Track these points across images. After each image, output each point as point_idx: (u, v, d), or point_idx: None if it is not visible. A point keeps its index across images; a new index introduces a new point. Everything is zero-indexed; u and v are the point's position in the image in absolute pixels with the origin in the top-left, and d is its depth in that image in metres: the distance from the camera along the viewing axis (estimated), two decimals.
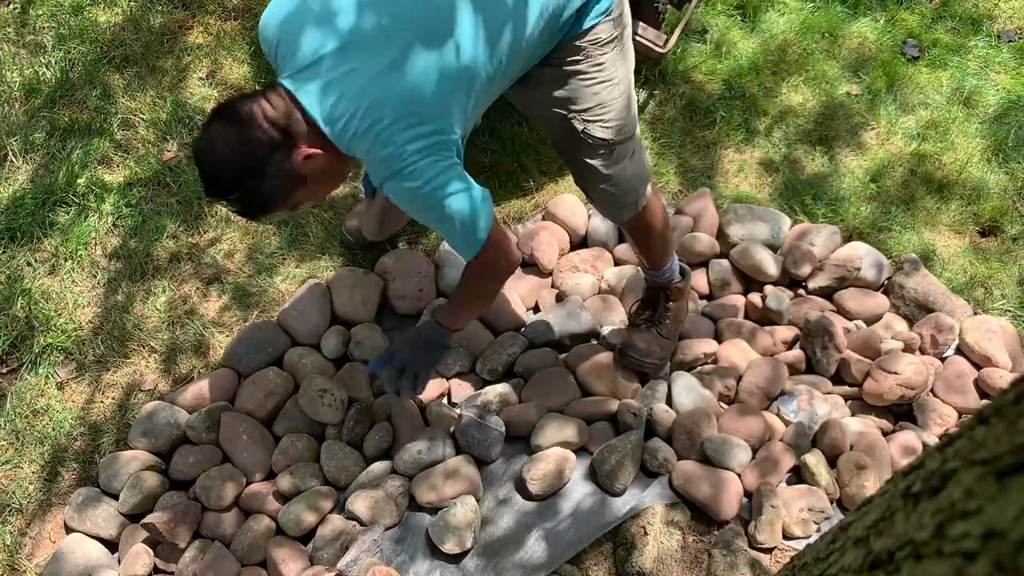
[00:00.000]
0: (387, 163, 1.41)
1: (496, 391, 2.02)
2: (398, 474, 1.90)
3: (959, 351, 2.15)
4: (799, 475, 1.91)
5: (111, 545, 1.85)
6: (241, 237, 2.35)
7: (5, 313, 2.15)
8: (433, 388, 2.04)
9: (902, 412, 2.07)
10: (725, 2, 2.97)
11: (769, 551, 1.81)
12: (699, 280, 2.28)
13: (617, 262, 2.32)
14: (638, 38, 2.46)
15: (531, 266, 2.31)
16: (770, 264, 2.23)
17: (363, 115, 1.36)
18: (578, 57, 1.55)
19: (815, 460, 1.87)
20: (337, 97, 1.37)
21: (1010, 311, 2.27)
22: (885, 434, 1.98)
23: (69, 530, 1.87)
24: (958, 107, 2.73)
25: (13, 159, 2.43)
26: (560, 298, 2.23)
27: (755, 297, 2.21)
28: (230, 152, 1.38)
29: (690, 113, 2.69)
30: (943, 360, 2.14)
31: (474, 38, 1.41)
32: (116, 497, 1.88)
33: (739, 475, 1.88)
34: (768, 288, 2.22)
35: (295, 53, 1.39)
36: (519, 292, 2.22)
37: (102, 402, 2.07)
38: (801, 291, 2.28)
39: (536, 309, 2.25)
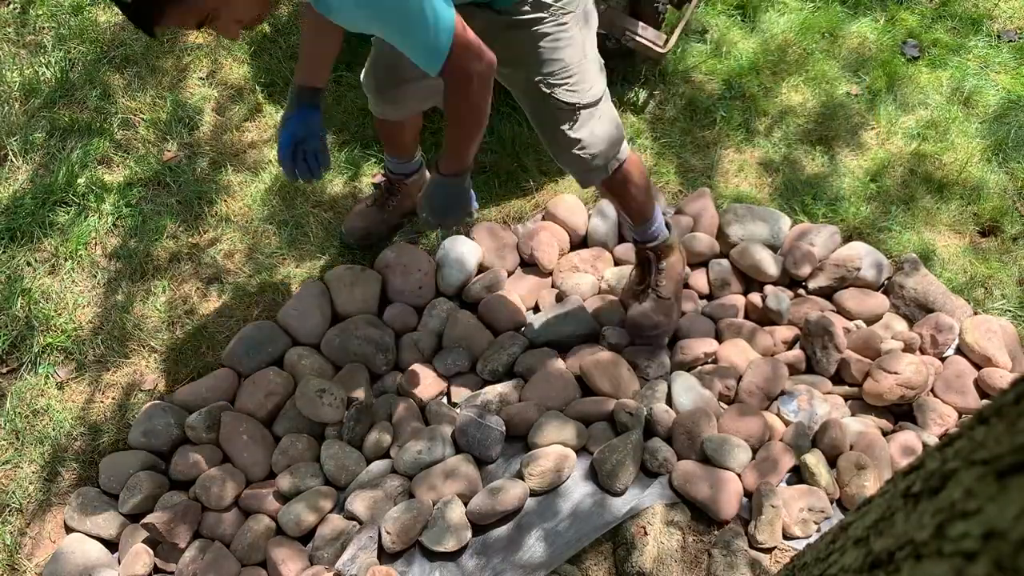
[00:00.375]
0: None
1: (496, 391, 2.02)
2: (398, 474, 1.90)
3: (959, 351, 2.15)
4: (799, 475, 1.91)
5: (111, 545, 1.85)
6: (241, 237, 2.35)
7: (5, 313, 2.15)
8: (433, 387, 2.04)
9: (902, 412, 2.07)
10: (725, 2, 2.97)
11: (769, 551, 1.80)
12: (699, 280, 2.28)
13: (617, 262, 2.32)
14: (638, 38, 2.46)
15: (531, 266, 2.31)
16: (770, 264, 2.23)
17: None
18: (543, 14, 1.61)
19: (815, 460, 1.87)
20: None
21: (1010, 311, 2.27)
22: (885, 434, 1.98)
23: (69, 530, 1.87)
24: (958, 107, 2.73)
25: (13, 159, 2.43)
26: (560, 298, 2.23)
27: (755, 297, 2.21)
28: None
29: (690, 113, 2.69)
30: (943, 360, 2.14)
31: None
32: (116, 497, 1.88)
33: (739, 475, 1.87)
34: (768, 288, 2.22)
35: None
36: (519, 292, 2.22)
37: (102, 402, 2.07)
38: (801, 291, 2.28)
39: (536, 309, 2.25)
